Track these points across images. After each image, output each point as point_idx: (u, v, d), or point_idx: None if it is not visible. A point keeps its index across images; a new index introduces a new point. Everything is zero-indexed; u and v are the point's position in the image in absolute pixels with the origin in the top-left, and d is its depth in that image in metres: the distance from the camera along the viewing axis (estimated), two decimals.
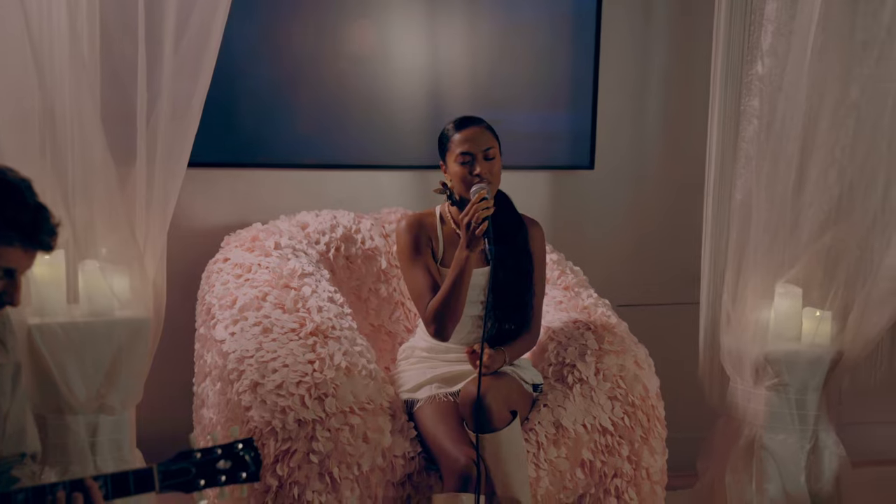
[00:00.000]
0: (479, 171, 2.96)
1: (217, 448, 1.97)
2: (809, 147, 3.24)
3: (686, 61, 4.28)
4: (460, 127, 3.03)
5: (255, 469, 2.00)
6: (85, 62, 2.72)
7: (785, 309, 3.39)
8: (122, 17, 2.71)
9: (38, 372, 2.67)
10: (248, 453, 1.99)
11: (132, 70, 2.72)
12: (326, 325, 2.95)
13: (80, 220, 2.70)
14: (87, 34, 2.73)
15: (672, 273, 4.35)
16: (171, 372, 3.54)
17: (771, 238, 3.31)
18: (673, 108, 4.33)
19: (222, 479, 1.96)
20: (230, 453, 1.97)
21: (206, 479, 1.95)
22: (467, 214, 2.87)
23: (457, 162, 3.00)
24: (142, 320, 2.79)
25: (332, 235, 3.48)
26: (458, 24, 3.98)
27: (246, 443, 2.00)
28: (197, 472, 1.94)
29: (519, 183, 4.19)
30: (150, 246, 2.82)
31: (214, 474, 1.96)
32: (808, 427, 3.39)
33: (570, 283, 3.47)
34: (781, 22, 3.16)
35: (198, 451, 1.96)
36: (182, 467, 1.94)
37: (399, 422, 2.88)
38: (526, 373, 3.07)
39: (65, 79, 2.69)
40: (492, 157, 3.00)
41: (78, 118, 2.69)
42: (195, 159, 3.60)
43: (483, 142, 3.00)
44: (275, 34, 3.71)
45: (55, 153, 2.65)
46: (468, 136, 3.00)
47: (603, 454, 3.04)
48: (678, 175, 4.29)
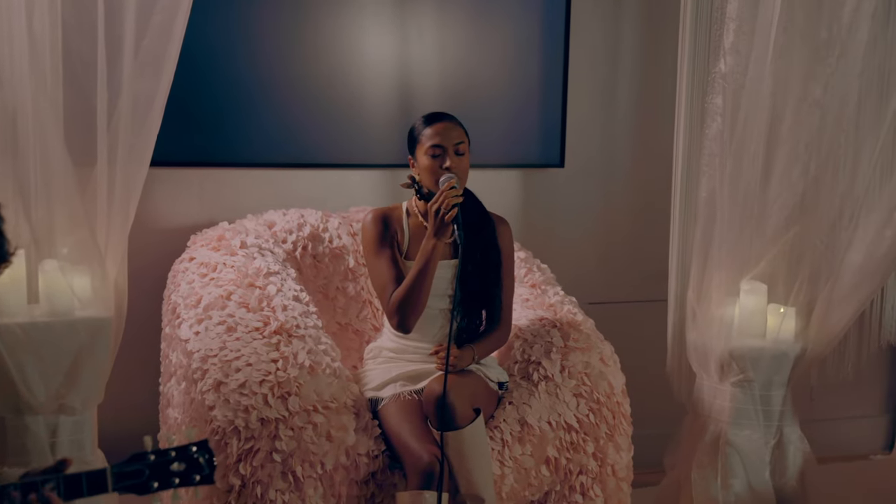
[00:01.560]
0: (449, 165, 2.97)
1: (171, 450, 1.96)
2: (773, 144, 3.26)
3: (656, 59, 4.29)
4: (432, 121, 3.04)
5: (210, 471, 1.98)
6: (46, 63, 2.71)
7: (750, 305, 3.40)
8: (81, 17, 2.69)
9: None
10: (203, 455, 1.98)
11: (92, 70, 2.70)
12: (291, 323, 2.95)
13: (40, 221, 2.69)
14: (49, 35, 2.72)
15: (643, 270, 4.37)
16: (138, 371, 3.54)
17: (735, 235, 3.33)
18: (643, 105, 4.34)
19: (176, 481, 1.95)
20: (184, 455, 1.96)
21: (159, 482, 1.94)
22: (436, 202, 2.89)
23: (427, 155, 3.01)
24: (103, 320, 2.78)
25: (300, 234, 3.47)
26: (428, 22, 3.97)
27: (200, 445, 1.98)
28: (150, 474, 1.93)
29: (489, 181, 4.21)
30: (111, 246, 2.80)
31: (168, 476, 1.94)
32: (772, 423, 3.41)
33: (537, 281, 3.48)
34: (743, 20, 3.17)
35: (152, 454, 1.95)
36: (136, 469, 1.92)
37: (363, 420, 2.88)
38: (491, 371, 3.08)
39: (24, 79, 2.67)
40: (462, 152, 3.02)
41: (38, 119, 2.67)
42: (163, 158, 3.63)
43: (454, 136, 3.01)
44: (244, 32, 3.69)
45: (15, 154, 2.63)
46: (439, 129, 3.01)
47: (568, 451, 3.04)
48: (649, 172, 4.31)
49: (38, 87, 2.67)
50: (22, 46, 2.64)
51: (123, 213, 2.82)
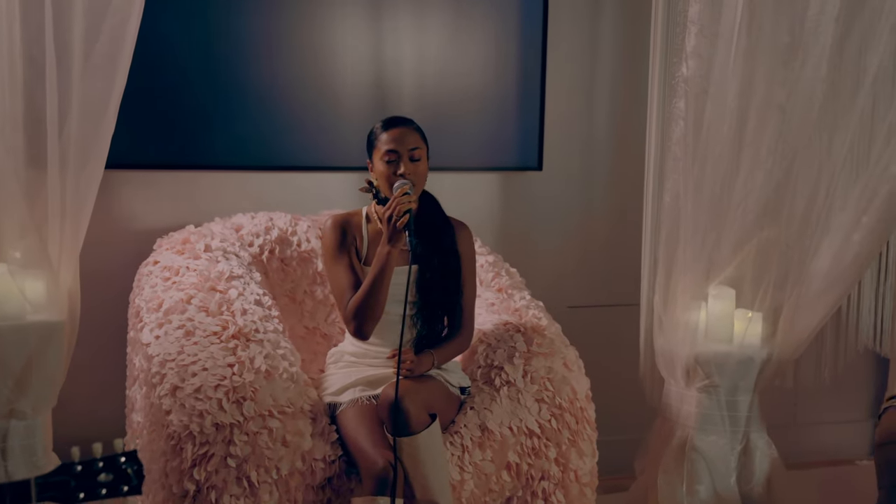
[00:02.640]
0: (404, 171, 2.96)
1: (98, 461, 1.93)
2: (737, 148, 3.23)
3: (634, 62, 4.26)
4: (388, 126, 3.03)
5: (138, 482, 1.96)
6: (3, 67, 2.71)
7: (718, 310, 3.38)
8: (29, 20, 2.68)
9: None
10: (131, 466, 1.96)
11: (42, 74, 2.70)
12: (249, 328, 2.95)
13: (4, 223, 2.69)
14: (6, 38, 2.71)
15: (621, 274, 4.34)
16: (105, 375, 3.55)
17: (700, 239, 3.31)
18: (622, 109, 4.32)
19: (103, 492, 1.92)
20: (112, 466, 1.94)
21: (85, 492, 1.91)
22: (388, 208, 2.88)
23: (382, 160, 3.00)
24: (54, 324, 2.77)
25: (267, 237, 3.47)
26: (405, 24, 3.96)
27: (129, 455, 1.96)
28: (77, 485, 1.91)
29: (467, 184, 4.21)
30: (64, 250, 2.80)
31: (95, 487, 1.92)
32: (738, 428, 3.38)
33: (504, 285, 3.46)
34: (704, 24, 3.15)
35: (78, 464, 1.93)
36: (61, 480, 1.90)
37: (320, 425, 2.87)
38: (453, 376, 3.07)
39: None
40: (417, 157, 3.00)
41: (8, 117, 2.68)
42: (136, 161, 3.66)
43: (409, 142, 3.00)
44: (218, 35, 3.69)
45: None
46: (395, 135, 3.00)
47: (529, 457, 3.03)
48: (627, 176, 4.28)
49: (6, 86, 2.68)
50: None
51: (76, 218, 2.81)
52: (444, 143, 4.04)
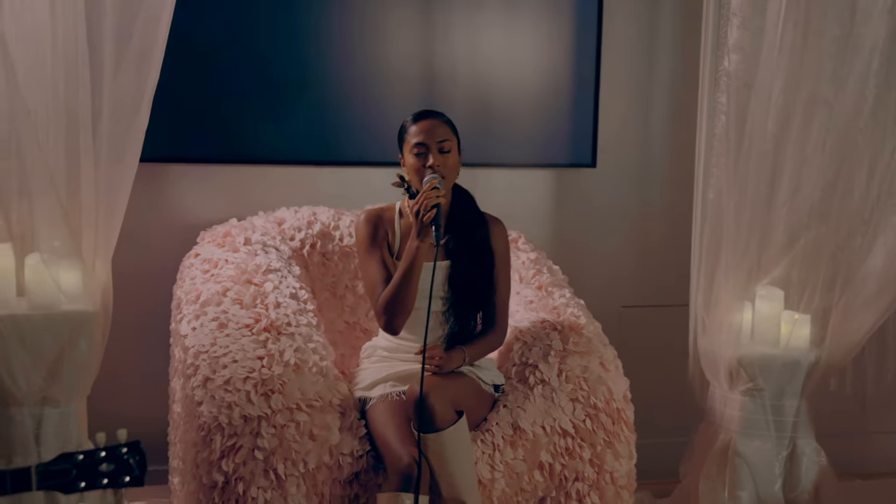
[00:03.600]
0: (433, 163, 2.94)
1: (100, 450, 1.94)
2: (782, 145, 3.13)
3: (692, 57, 4.16)
4: (417, 119, 3.02)
5: (140, 473, 1.96)
6: (47, 62, 2.76)
7: (765, 311, 3.28)
8: (64, 18, 2.72)
9: None
10: (133, 457, 1.96)
11: (74, 71, 2.74)
12: (282, 321, 2.95)
13: (25, 215, 2.73)
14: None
15: (676, 273, 4.22)
16: (153, 366, 3.60)
17: (743, 238, 3.20)
18: (679, 105, 4.22)
19: (104, 481, 1.93)
20: (113, 456, 1.94)
21: (86, 481, 1.92)
22: (417, 203, 2.86)
23: (411, 153, 2.98)
24: (87, 315, 2.81)
25: (309, 232, 3.48)
26: (457, 19, 3.94)
27: (131, 446, 1.96)
28: (78, 474, 1.91)
29: (519, 181, 4.17)
30: (99, 243, 2.83)
31: (96, 477, 1.93)
32: (784, 434, 3.27)
33: (544, 283, 3.41)
34: (746, 16, 3.05)
35: (80, 453, 1.93)
36: (62, 468, 1.91)
37: (349, 419, 2.86)
38: (486, 373, 3.03)
39: (29, 78, 2.73)
40: (447, 149, 2.97)
41: (29, 117, 2.72)
42: (188, 155, 3.72)
43: (438, 134, 2.97)
44: (266, 29, 3.73)
45: (7, 152, 2.68)
46: (423, 127, 2.98)
47: (563, 457, 2.98)
48: (683, 173, 4.16)
49: (34, 86, 2.73)
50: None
51: (111, 211, 2.85)
52: (496, 140, 4.03)
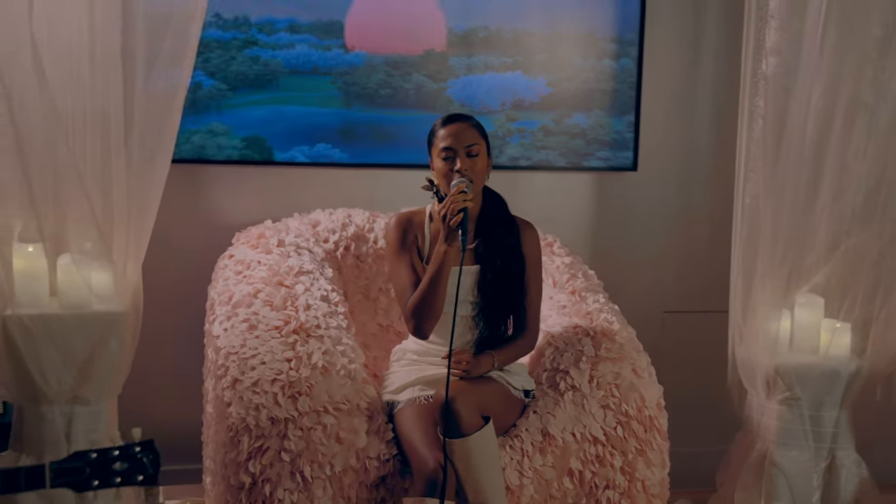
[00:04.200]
0: (460, 167, 2.92)
1: (114, 449, 1.95)
2: (821, 150, 3.06)
3: (737, 59, 4.09)
4: (445, 122, 3.00)
5: (154, 472, 1.97)
6: (84, 64, 2.79)
7: (804, 319, 3.20)
8: (94, 20, 2.75)
9: (14, 362, 2.75)
10: (147, 456, 1.96)
11: (106, 73, 2.77)
12: (311, 323, 2.95)
13: (58, 216, 2.76)
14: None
15: (720, 279, 4.14)
16: (187, 366, 3.62)
17: (781, 245, 3.14)
18: (723, 108, 4.15)
19: (117, 480, 1.93)
20: (127, 455, 1.94)
21: (99, 480, 1.92)
22: (444, 207, 2.84)
23: (439, 157, 2.96)
24: (117, 315, 2.84)
25: (343, 234, 3.47)
26: None
27: (144, 445, 1.97)
28: (91, 472, 1.92)
29: (560, 184, 4.13)
30: (130, 244, 2.85)
31: (109, 475, 1.93)
32: (823, 444, 3.20)
33: (578, 288, 3.37)
34: (785, 18, 2.99)
35: (94, 452, 1.94)
36: (76, 466, 1.92)
37: (376, 423, 2.85)
38: (516, 378, 3.00)
39: (60, 81, 2.77)
40: (475, 153, 2.95)
41: (60, 119, 2.75)
42: (226, 156, 3.74)
43: (466, 138, 2.95)
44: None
45: (36, 151, 2.71)
46: (451, 131, 2.96)
47: (593, 464, 2.94)
48: (727, 177, 4.10)
49: (71, 88, 2.76)
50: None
51: (143, 213, 2.86)
52: (535, 142, 3.99)
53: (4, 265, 2.72)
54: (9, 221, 2.73)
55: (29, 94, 2.65)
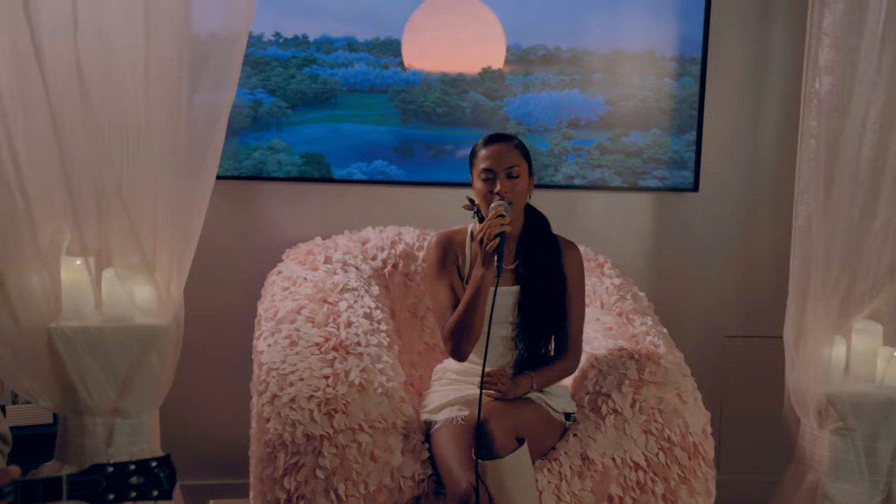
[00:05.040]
0: (500, 189, 2.89)
1: (131, 463, 1.96)
2: (878, 171, 2.95)
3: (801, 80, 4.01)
4: (487, 143, 2.98)
5: (169, 487, 1.97)
6: (138, 79, 2.85)
7: (862, 347, 3.10)
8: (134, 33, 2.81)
9: (58, 373, 2.81)
10: (163, 471, 1.97)
11: (150, 87, 2.82)
12: (351, 340, 2.95)
13: (104, 230, 2.82)
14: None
15: (784, 302, 4.07)
16: (237, 381, 3.65)
17: (835, 269, 3.04)
18: (788, 128, 4.03)
19: (133, 494, 1.94)
20: (144, 469, 1.95)
21: (115, 493, 1.93)
22: (481, 231, 2.81)
23: (479, 178, 2.94)
24: (157, 328, 2.88)
25: (392, 252, 3.48)
26: None
27: (161, 460, 1.97)
28: (107, 486, 1.93)
29: (619, 204, 4.08)
30: (174, 258, 2.90)
31: (125, 489, 1.94)
32: (879, 478, 3.08)
33: (626, 310, 3.31)
34: (838, 35, 2.90)
35: (110, 465, 1.96)
36: (93, 479, 1.93)
37: (412, 442, 2.83)
38: (557, 400, 2.96)
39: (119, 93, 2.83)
40: (516, 175, 2.92)
41: (103, 134, 2.82)
42: (286, 173, 3.78)
43: (507, 160, 2.92)
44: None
45: (79, 166, 2.77)
46: (492, 152, 2.94)
47: (634, 490, 2.88)
48: (791, 199, 4.01)
49: (114, 103, 2.82)
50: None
51: (187, 227, 2.91)
52: (591, 161, 3.95)
53: (52, 278, 2.78)
54: (57, 235, 2.80)
55: (71, 108, 2.71)
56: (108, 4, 2.78)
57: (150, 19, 2.79)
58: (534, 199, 3.86)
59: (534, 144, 3.93)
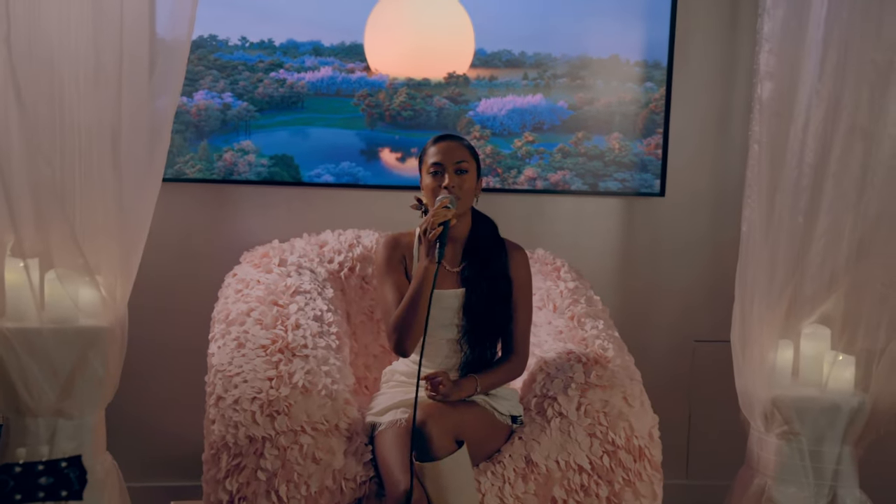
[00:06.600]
0: (448, 184, 2.91)
1: (39, 464, 1.96)
2: (822, 177, 2.95)
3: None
4: (437, 140, 3.01)
5: (79, 488, 1.97)
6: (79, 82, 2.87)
7: (810, 351, 3.09)
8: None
9: (0, 374, 2.83)
10: (73, 472, 1.97)
11: (83, 88, 2.84)
12: (298, 342, 2.96)
13: (44, 232, 2.84)
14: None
15: None
16: (200, 384, 3.67)
17: (779, 275, 3.04)
18: None
19: (41, 494, 1.94)
20: (53, 470, 1.95)
21: (23, 494, 1.92)
22: (426, 221, 2.83)
23: (428, 173, 2.96)
24: (99, 330, 2.90)
25: (349, 255, 3.49)
26: None
27: (72, 461, 1.97)
28: (15, 486, 1.92)
29: (586, 208, 4.08)
30: (118, 261, 2.91)
31: (34, 489, 1.93)
32: (824, 482, 3.08)
33: (577, 313, 3.31)
34: (777, 42, 2.90)
35: (19, 465, 1.95)
36: (0, 479, 1.95)
37: (354, 444, 2.84)
38: (502, 403, 2.97)
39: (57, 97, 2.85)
40: (464, 170, 2.94)
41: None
42: (255, 174, 3.80)
43: (456, 155, 2.95)
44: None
45: (15, 169, 2.79)
46: (441, 148, 2.96)
47: (577, 493, 2.88)
48: None
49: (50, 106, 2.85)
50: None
51: (132, 230, 2.93)
52: (553, 163, 3.96)
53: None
54: (0, 237, 2.82)
55: (4, 108, 2.73)
56: (48, 3, 2.80)
57: (98, 21, 2.81)
58: (500, 202, 3.91)
59: (497, 147, 3.95)
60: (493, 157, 3.96)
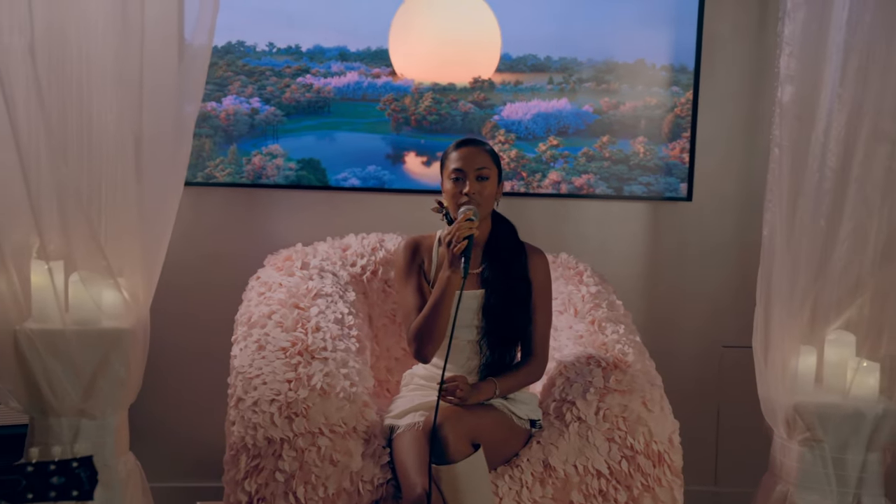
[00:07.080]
0: (469, 190, 2.91)
1: (51, 463, 1.97)
2: (844, 181, 2.91)
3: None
4: (459, 146, 3.01)
5: (90, 488, 1.98)
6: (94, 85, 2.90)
7: (834, 357, 3.05)
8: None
9: (25, 375, 2.88)
10: (84, 472, 1.98)
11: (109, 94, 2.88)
12: (318, 345, 2.98)
13: (67, 235, 2.88)
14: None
15: None
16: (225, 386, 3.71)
17: (804, 279, 3.00)
18: None
19: (52, 494, 1.94)
20: (65, 469, 1.96)
21: (35, 493, 1.94)
22: (450, 233, 2.84)
23: (449, 179, 2.97)
24: (121, 332, 2.93)
25: (372, 258, 3.50)
26: None
27: (83, 461, 1.98)
28: (27, 485, 1.94)
29: (613, 212, 4.07)
30: (140, 263, 2.95)
31: (45, 489, 1.94)
32: (847, 490, 3.04)
33: (598, 318, 3.30)
34: (798, 45, 2.87)
35: (31, 465, 1.96)
36: (12, 478, 1.94)
37: (372, 447, 2.85)
38: (521, 407, 2.97)
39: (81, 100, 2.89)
40: (485, 176, 2.95)
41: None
42: (283, 177, 3.84)
43: (477, 161, 2.95)
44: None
45: (40, 171, 2.84)
46: (463, 154, 2.97)
47: (596, 498, 2.87)
48: None
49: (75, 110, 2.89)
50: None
51: (155, 233, 2.96)
52: (578, 167, 3.95)
53: (21, 281, 2.85)
54: (27, 239, 2.86)
55: (27, 111, 2.77)
56: (72, 11, 2.84)
57: (123, 28, 2.85)
58: (525, 206, 3.90)
59: (522, 151, 3.95)
60: (518, 161, 3.96)
